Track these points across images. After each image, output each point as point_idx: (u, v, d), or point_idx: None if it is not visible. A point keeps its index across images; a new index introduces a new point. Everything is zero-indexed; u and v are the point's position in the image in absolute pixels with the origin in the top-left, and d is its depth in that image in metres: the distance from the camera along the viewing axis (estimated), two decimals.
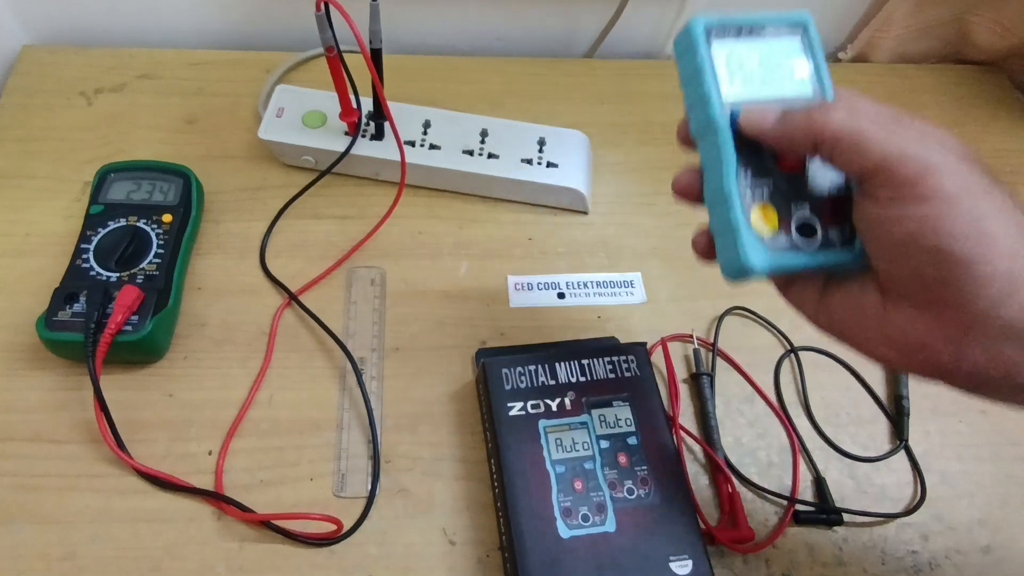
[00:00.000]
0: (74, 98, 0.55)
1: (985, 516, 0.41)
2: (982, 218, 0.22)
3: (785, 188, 0.27)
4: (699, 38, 0.28)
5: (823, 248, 0.27)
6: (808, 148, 0.25)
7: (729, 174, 0.27)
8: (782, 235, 0.27)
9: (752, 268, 0.27)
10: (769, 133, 0.26)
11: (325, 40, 0.43)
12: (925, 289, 0.23)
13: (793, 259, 0.27)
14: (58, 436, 0.40)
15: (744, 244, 0.27)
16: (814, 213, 0.27)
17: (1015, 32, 0.59)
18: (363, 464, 0.40)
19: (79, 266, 0.42)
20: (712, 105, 0.28)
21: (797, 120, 0.25)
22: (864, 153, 0.23)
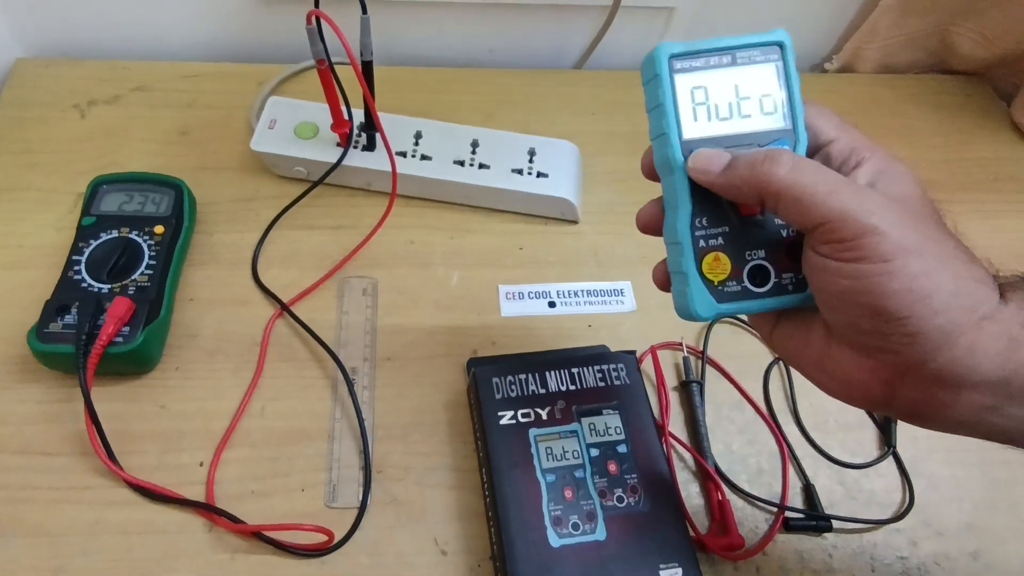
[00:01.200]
0: (68, 110, 0.55)
1: (973, 521, 0.42)
2: (917, 276, 0.23)
3: (740, 234, 0.27)
4: (663, 68, 0.27)
5: (774, 293, 0.27)
6: (754, 200, 0.26)
7: (683, 220, 0.27)
8: (733, 282, 0.27)
9: (697, 316, 0.27)
10: (716, 183, 0.26)
11: (316, 53, 0.44)
12: (862, 337, 0.24)
13: (742, 306, 0.27)
14: (48, 448, 0.40)
15: (692, 292, 0.27)
16: (769, 258, 0.27)
17: (997, 42, 0.60)
18: (355, 474, 0.40)
19: (71, 278, 0.43)
20: (671, 144, 0.27)
21: (741, 172, 0.25)
22: (805, 211, 0.24)
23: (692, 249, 0.27)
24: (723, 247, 0.27)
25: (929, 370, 0.24)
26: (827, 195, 0.23)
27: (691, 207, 0.27)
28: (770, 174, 0.24)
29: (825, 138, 0.27)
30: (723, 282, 0.27)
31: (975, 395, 0.24)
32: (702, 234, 0.27)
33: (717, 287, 0.27)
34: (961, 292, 0.23)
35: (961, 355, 0.23)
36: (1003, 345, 0.23)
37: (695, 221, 0.27)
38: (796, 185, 0.24)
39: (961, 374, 0.23)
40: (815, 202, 0.23)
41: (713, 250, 0.27)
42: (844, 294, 0.24)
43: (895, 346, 0.24)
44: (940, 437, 0.44)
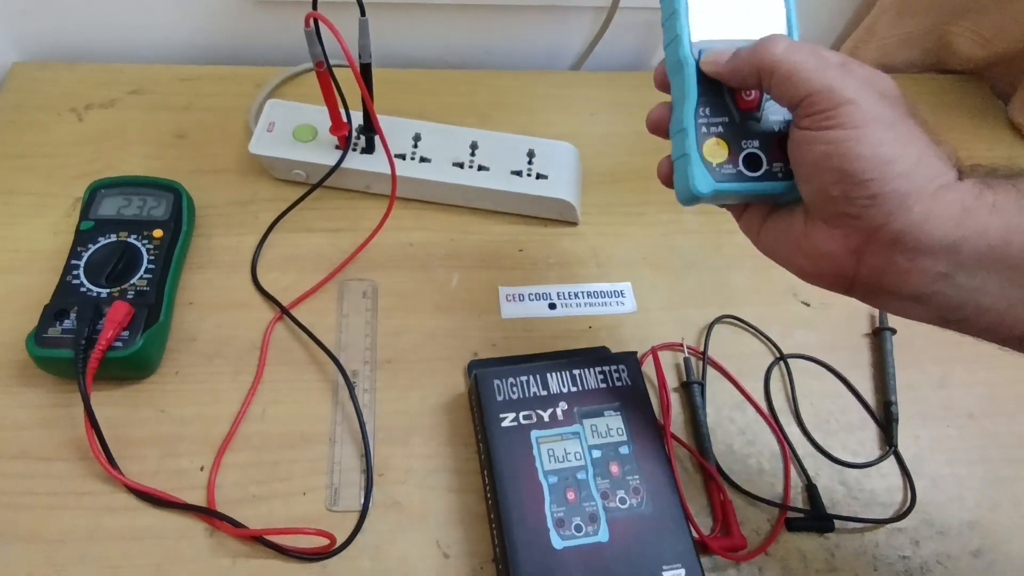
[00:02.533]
0: (64, 114, 0.55)
1: (975, 519, 0.42)
2: (882, 143, 0.25)
3: (739, 125, 0.31)
4: None
5: (765, 178, 0.30)
6: (754, 81, 0.29)
7: (689, 109, 0.30)
8: (730, 165, 0.30)
9: (698, 191, 0.30)
10: (722, 70, 0.30)
11: (315, 55, 0.44)
12: (831, 204, 0.27)
13: (737, 186, 0.30)
14: (47, 453, 0.40)
15: (694, 171, 0.30)
16: (762, 148, 0.30)
17: (994, 42, 0.61)
18: (356, 477, 0.40)
19: (69, 282, 0.42)
20: (682, 45, 0.31)
21: (745, 54, 0.29)
22: (795, 83, 0.27)
23: (695, 133, 0.30)
24: (722, 134, 0.30)
25: (888, 233, 0.26)
26: (814, 71, 0.27)
27: (697, 98, 0.30)
28: (766, 51, 0.28)
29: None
30: (721, 164, 0.30)
31: (929, 261, 0.26)
32: (704, 122, 0.30)
33: (716, 168, 0.30)
34: (922, 162, 0.26)
35: (917, 219, 0.25)
36: (956, 212, 0.25)
37: (699, 111, 0.30)
38: (788, 61, 0.27)
39: (917, 237, 0.26)
40: (803, 76, 0.27)
41: (714, 136, 0.30)
42: (818, 160, 0.27)
43: (858, 210, 0.26)
44: (941, 437, 0.45)
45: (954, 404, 0.46)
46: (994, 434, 0.45)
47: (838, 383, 0.47)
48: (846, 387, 0.46)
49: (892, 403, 0.45)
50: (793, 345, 0.48)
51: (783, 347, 0.47)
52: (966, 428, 0.45)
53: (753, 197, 0.31)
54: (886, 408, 0.45)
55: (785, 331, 0.48)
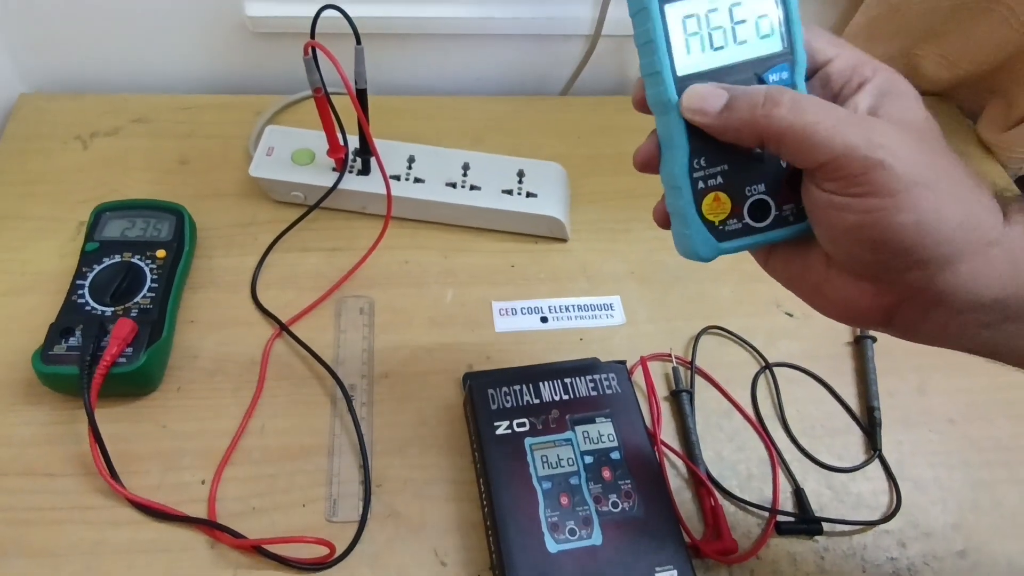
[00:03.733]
0: (70, 142, 0.56)
1: (958, 521, 0.43)
2: (925, 209, 0.23)
3: (740, 170, 0.26)
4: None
5: (775, 226, 0.27)
6: (754, 143, 0.25)
7: (680, 163, 0.26)
8: (734, 220, 0.27)
9: (699, 257, 0.27)
10: (713, 126, 0.25)
11: (313, 81, 0.46)
12: (864, 267, 0.25)
13: (743, 242, 0.27)
14: (52, 469, 0.40)
15: (692, 235, 0.27)
16: (769, 192, 0.26)
17: (958, 64, 0.64)
18: (354, 488, 0.41)
19: (75, 301, 0.44)
20: (664, 83, 0.25)
21: (741, 115, 0.24)
22: (810, 151, 0.23)
23: (691, 192, 0.26)
24: (722, 186, 0.26)
25: (930, 295, 0.24)
26: (831, 132, 0.23)
27: (688, 148, 0.26)
28: (770, 116, 0.24)
29: (823, 57, 0.26)
30: (723, 221, 0.26)
31: (973, 315, 0.24)
32: (701, 175, 0.26)
33: (718, 227, 0.26)
34: (968, 221, 0.23)
35: (964, 280, 0.23)
36: (1005, 268, 0.23)
37: (693, 162, 0.26)
38: (797, 124, 0.23)
39: (962, 298, 0.24)
40: (819, 140, 0.23)
41: (713, 190, 0.26)
42: (850, 229, 0.24)
43: (898, 275, 0.24)
44: (923, 441, 0.46)
45: (934, 410, 0.48)
46: (973, 438, 0.46)
47: (822, 390, 0.48)
48: (830, 394, 0.48)
49: (875, 408, 0.47)
50: (778, 354, 0.49)
51: (768, 356, 0.49)
52: (947, 433, 0.47)
53: (763, 246, 0.28)
54: (870, 413, 0.47)
55: (769, 341, 0.50)
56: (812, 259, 0.27)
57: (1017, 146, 0.62)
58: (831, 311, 0.27)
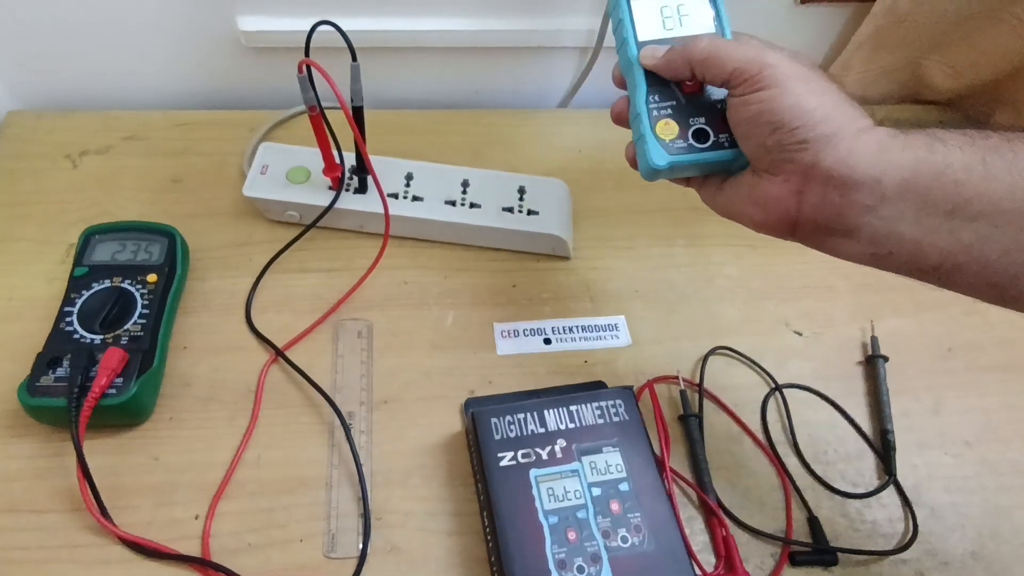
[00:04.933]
0: (59, 161, 0.55)
1: (977, 549, 0.42)
2: (803, 95, 0.30)
3: (685, 106, 0.35)
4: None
5: (713, 148, 0.34)
6: (687, 72, 0.33)
7: (641, 97, 0.35)
8: (680, 140, 0.34)
9: (655, 165, 0.34)
10: (658, 66, 0.34)
11: (308, 100, 0.45)
12: (769, 154, 0.31)
13: (689, 157, 0.34)
14: (39, 506, 0.39)
15: (650, 148, 0.34)
16: (708, 122, 0.35)
17: (965, 74, 0.63)
18: (353, 522, 0.40)
19: (63, 329, 0.42)
20: (629, 46, 0.36)
21: (676, 51, 0.34)
22: (721, 63, 0.31)
23: (648, 117, 0.35)
24: (671, 115, 0.35)
25: (821, 170, 0.30)
26: (735, 48, 0.31)
27: (646, 88, 0.35)
28: (693, 47, 0.33)
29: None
30: (673, 140, 0.34)
31: (857, 194, 0.29)
32: (655, 106, 0.35)
33: (669, 143, 0.34)
34: (840, 108, 0.30)
35: (843, 155, 0.29)
36: (874, 149, 0.29)
37: (649, 97, 0.35)
38: (712, 49, 0.32)
39: (844, 172, 0.29)
40: (727, 55, 0.31)
41: (664, 117, 0.35)
42: (752, 118, 0.31)
43: (792, 154, 0.30)
44: (938, 464, 0.45)
45: (949, 431, 0.46)
46: (989, 462, 0.45)
47: (834, 412, 0.47)
48: (842, 416, 0.47)
49: (889, 431, 0.45)
50: (787, 375, 0.48)
51: (777, 377, 0.48)
52: (963, 456, 0.45)
53: (706, 166, 0.35)
54: (883, 436, 0.45)
55: (779, 361, 0.48)
56: (744, 178, 0.34)
57: None
58: (757, 213, 0.33)
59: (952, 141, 0.29)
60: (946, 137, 0.29)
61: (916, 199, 0.29)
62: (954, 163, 0.28)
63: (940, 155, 0.29)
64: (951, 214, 0.28)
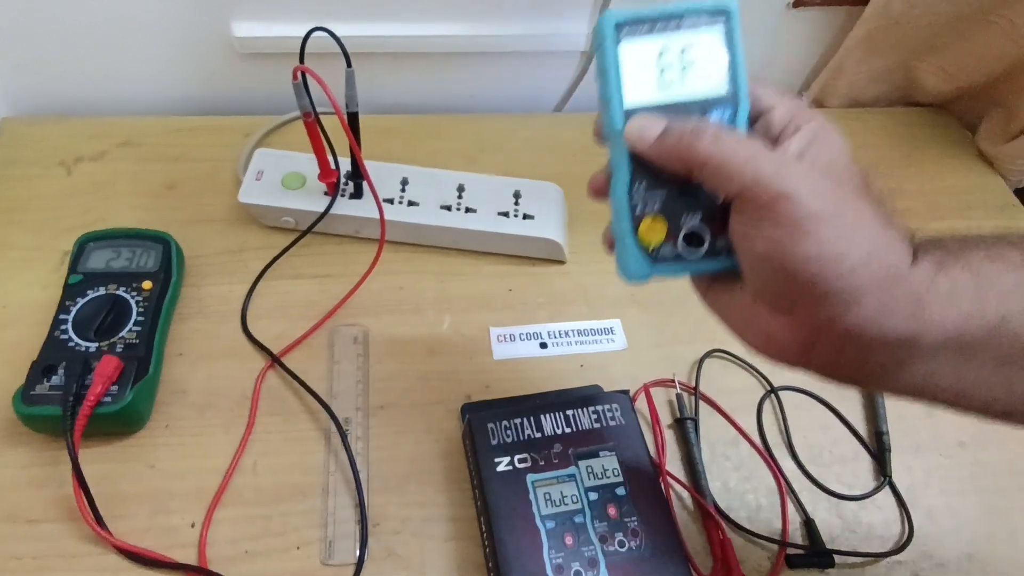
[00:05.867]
0: (53, 168, 0.55)
1: (973, 551, 0.42)
2: (826, 240, 0.24)
3: (678, 198, 0.28)
4: (607, 35, 0.27)
5: (708, 256, 0.28)
6: (683, 171, 0.26)
7: (621, 185, 0.28)
8: (668, 246, 0.28)
9: (631, 278, 0.29)
10: (648, 153, 0.27)
11: (303, 106, 0.45)
12: (778, 298, 0.26)
13: (676, 268, 0.28)
14: (34, 515, 0.39)
15: (628, 256, 0.28)
16: (705, 221, 0.28)
17: (957, 76, 0.63)
18: (351, 529, 0.40)
19: (57, 337, 0.42)
20: (612, 110, 0.27)
21: (669, 143, 0.26)
22: (726, 179, 0.25)
23: (629, 214, 0.28)
24: (660, 211, 0.28)
25: (839, 328, 0.25)
26: (744, 163, 0.24)
27: (629, 173, 0.28)
28: (693, 146, 0.26)
29: (766, 104, 0.28)
30: (659, 246, 0.28)
31: (884, 352, 0.25)
32: (640, 199, 0.28)
33: (653, 251, 0.28)
34: (872, 256, 0.24)
35: (869, 315, 0.24)
36: (910, 305, 0.24)
37: (633, 186, 0.28)
38: (716, 155, 0.25)
39: (870, 332, 0.24)
40: (732, 170, 0.25)
41: (650, 214, 0.28)
42: (761, 257, 0.25)
43: (806, 306, 0.25)
44: (934, 466, 0.45)
45: (944, 433, 0.47)
46: (985, 463, 0.45)
47: (829, 414, 0.47)
48: (837, 418, 0.47)
49: (884, 433, 0.46)
50: (783, 378, 0.48)
51: (773, 380, 0.48)
52: (958, 457, 0.46)
53: (696, 274, 0.29)
54: (878, 438, 0.46)
55: (774, 364, 0.48)
56: (742, 295, 0.28)
57: (1018, 158, 0.61)
58: (758, 344, 0.28)
59: (1006, 280, 0.24)
60: (998, 278, 0.24)
61: (961, 355, 0.24)
62: (1012, 314, 0.24)
63: (993, 306, 0.24)
64: (1005, 365, 0.24)
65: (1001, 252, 0.25)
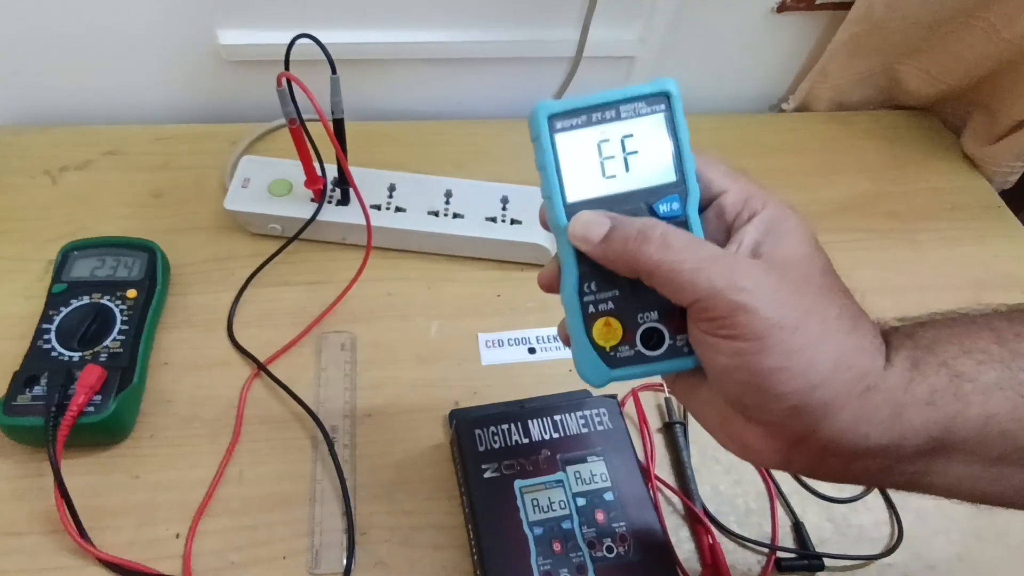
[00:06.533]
0: (38, 177, 0.55)
1: (962, 552, 0.42)
2: (792, 353, 0.22)
3: (632, 296, 0.26)
4: (543, 129, 0.25)
5: (669, 355, 0.26)
6: (631, 275, 0.25)
7: (570, 285, 0.26)
8: (626, 347, 0.26)
9: (590, 383, 0.26)
10: (594, 254, 0.25)
11: (287, 113, 0.45)
12: (749, 409, 0.24)
13: (635, 370, 0.26)
14: (16, 528, 0.38)
15: (583, 358, 0.26)
16: (662, 320, 0.26)
17: (941, 79, 0.64)
18: (338, 538, 0.39)
19: (40, 347, 0.42)
20: (555, 208, 0.26)
21: (615, 247, 0.24)
22: (678, 289, 0.23)
23: (581, 315, 0.26)
24: (614, 311, 0.26)
25: (817, 440, 0.23)
26: (695, 272, 0.23)
27: (577, 272, 0.26)
28: (639, 252, 0.24)
29: (717, 188, 0.26)
30: (615, 347, 0.26)
31: (867, 461, 0.24)
32: (591, 299, 0.26)
33: (609, 353, 0.26)
34: (842, 365, 0.23)
35: (846, 426, 0.23)
36: (887, 412, 0.23)
37: (583, 286, 0.26)
38: (664, 264, 0.23)
39: (849, 443, 0.23)
40: (684, 281, 0.23)
41: (604, 315, 0.26)
42: (724, 370, 0.24)
43: (779, 419, 0.23)
44: None
45: None
46: None
47: None
48: None
49: None
50: None
51: None
52: None
53: (660, 374, 0.27)
54: None
55: None
56: (712, 397, 0.26)
57: (1003, 160, 0.62)
58: (734, 449, 0.26)
59: (986, 377, 0.23)
60: (978, 376, 0.23)
61: (947, 456, 0.23)
62: (997, 412, 0.22)
63: (977, 407, 0.23)
64: (996, 462, 0.23)
65: (974, 343, 0.24)
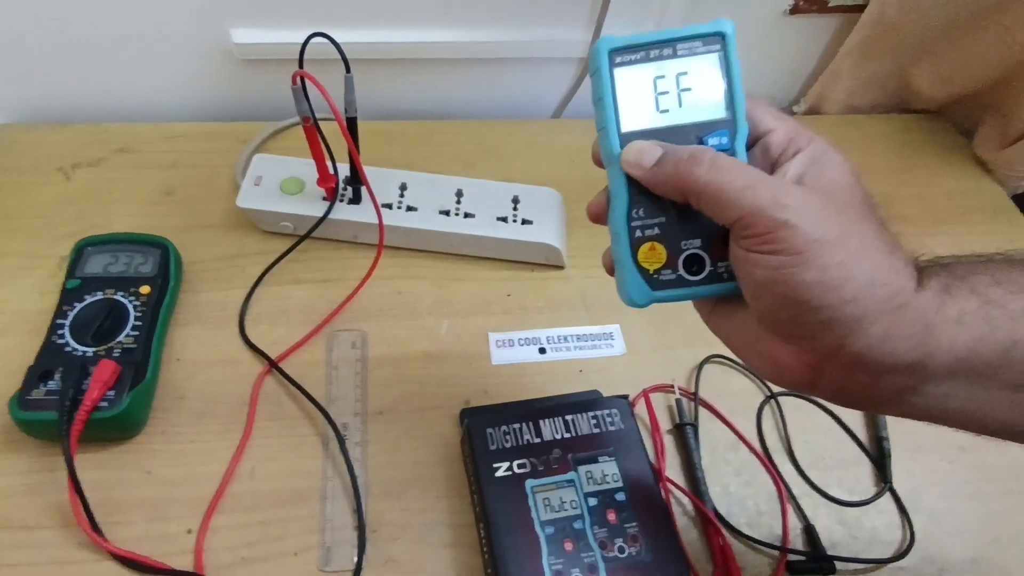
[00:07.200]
0: (51, 174, 0.55)
1: (976, 555, 0.42)
2: (828, 267, 0.23)
3: (677, 223, 0.27)
4: (604, 62, 0.27)
5: (709, 281, 0.27)
6: (680, 198, 0.26)
7: (620, 211, 0.28)
8: (668, 271, 0.27)
9: (632, 303, 0.28)
10: (645, 179, 0.27)
11: (301, 111, 0.45)
12: (782, 325, 0.25)
13: (677, 293, 0.28)
14: (30, 522, 0.38)
15: (628, 281, 0.28)
16: (704, 247, 0.27)
17: (952, 82, 0.63)
18: (349, 535, 0.39)
19: (54, 342, 0.42)
20: (610, 137, 0.27)
21: (667, 170, 0.26)
22: (723, 207, 0.25)
23: (628, 239, 0.28)
24: (659, 236, 0.27)
25: (847, 355, 0.24)
26: (742, 191, 0.24)
27: (627, 198, 0.27)
28: (690, 173, 0.25)
29: (765, 128, 0.27)
30: (658, 270, 0.27)
31: (894, 377, 0.25)
32: (639, 224, 0.28)
33: (652, 275, 0.28)
34: (876, 281, 0.24)
35: (876, 341, 0.24)
36: (918, 330, 0.24)
37: (632, 212, 0.28)
38: (713, 183, 0.25)
39: (877, 358, 0.24)
40: (730, 199, 0.24)
41: (649, 240, 0.27)
42: (762, 284, 0.25)
43: (811, 333, 0.24)
44: (935, 470, 0.45)
45: (945, 436, 0.45)
46: (986, 466, 0.45)
47: (829, 419, 0.47)
48: (837, 423, 0.47)
49: (884, 438, 0.45)
50: None
51: (772, 385, 0.48)
52: (958, 461, 0.45)
53: (698, 299, 0.29)
54: (878, 443, 0.45)
55: None
56: (746, 320, 0.27)
57: (1016, 164, 0.62)
58: (764, 369, 0.28)
59: (1014, 305, 0.24)
60: (1006, 303, 0.24)
61: (972, 379, 0.24)
62: (1022, 339, 0.23)
63: (1004, 331, 0.23)
64: (1018, 388, 0.24)
65: (1007, 276, 0.25)
